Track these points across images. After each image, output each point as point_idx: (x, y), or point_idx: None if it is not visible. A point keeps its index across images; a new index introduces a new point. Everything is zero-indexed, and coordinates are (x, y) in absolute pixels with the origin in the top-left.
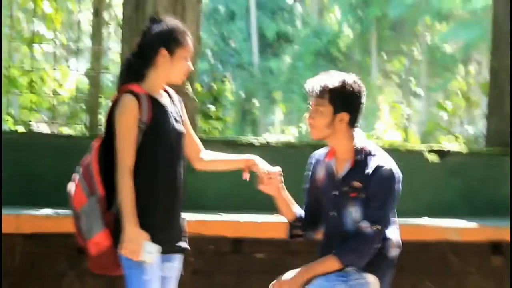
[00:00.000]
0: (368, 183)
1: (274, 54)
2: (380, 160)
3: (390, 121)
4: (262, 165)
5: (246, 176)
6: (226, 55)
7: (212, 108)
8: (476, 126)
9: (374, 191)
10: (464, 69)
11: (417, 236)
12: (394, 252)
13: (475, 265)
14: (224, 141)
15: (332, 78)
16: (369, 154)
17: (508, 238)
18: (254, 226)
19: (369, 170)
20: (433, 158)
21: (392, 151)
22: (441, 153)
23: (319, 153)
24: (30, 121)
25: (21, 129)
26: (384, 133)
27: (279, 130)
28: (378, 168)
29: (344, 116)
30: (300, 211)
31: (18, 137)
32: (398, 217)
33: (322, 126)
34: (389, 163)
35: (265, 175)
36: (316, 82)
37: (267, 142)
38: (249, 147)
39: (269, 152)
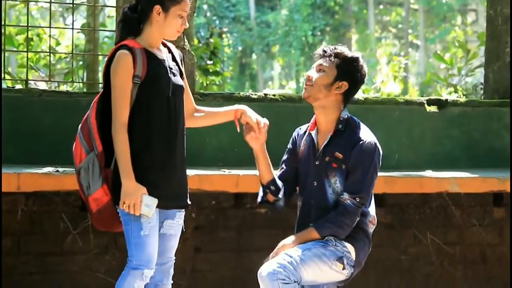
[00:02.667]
0: (349, 154)
1: (271, 7)
2: (364, 133)
3: (389, 73)
4: (252, 114)
5: (238, 127)
6: (223, 9)
7: (210, 63)
8: (475, 76)
9: (356, 163)
10: (461, 19)
11: (418, 189)
12: (371, 229)
13: (477, 216)
14: (222, 96)
15: (348, 51)
16: (352, 126)
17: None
18: (256, 180)
19: (352, 142)
20: (432, 109)
21: (391, 103)
22: (440, 104)
23: (302, 127)
24: (28, 79)
25: (19, 87)
26: (383, 85)
27: (278, 85)
28: (361, 141)
29: (344, 85)
30: (275, 177)
31: (17, 95)
32: (399, 170)
33: (321, 84)
34: (372, 137)
35: (256, 124)
36: (331, 47)
37: (265, 95)
38: (247, 101)
39: (267, 105)
